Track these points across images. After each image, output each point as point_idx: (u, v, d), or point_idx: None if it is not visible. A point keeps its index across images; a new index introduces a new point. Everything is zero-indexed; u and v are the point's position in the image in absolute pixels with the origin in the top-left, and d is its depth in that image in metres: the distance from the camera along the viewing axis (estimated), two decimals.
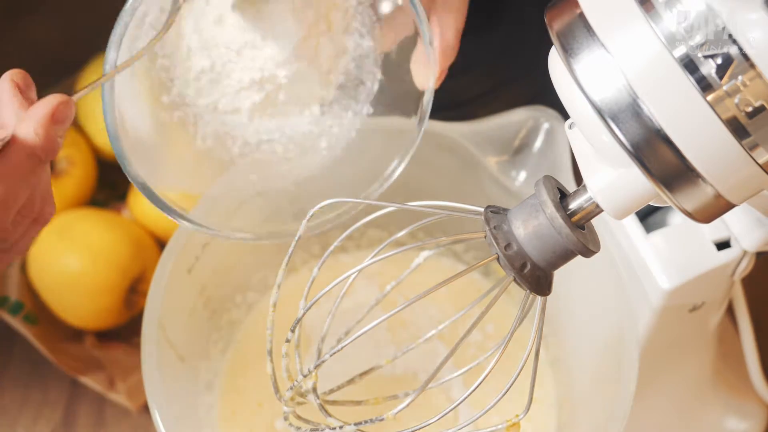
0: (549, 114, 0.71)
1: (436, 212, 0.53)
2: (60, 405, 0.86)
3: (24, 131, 0.50)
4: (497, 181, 0.73)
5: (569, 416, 0.72)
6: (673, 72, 0.41)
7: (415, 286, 0.75)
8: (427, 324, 0.76)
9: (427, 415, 0.52)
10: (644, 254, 0.68)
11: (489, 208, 0.51)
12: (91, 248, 0.84)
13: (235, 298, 0.77)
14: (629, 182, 0.46)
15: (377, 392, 0.66)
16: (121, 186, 0.93)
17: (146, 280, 0.84)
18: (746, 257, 0.68)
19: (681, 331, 0.74)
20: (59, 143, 0.51)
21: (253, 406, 0.74)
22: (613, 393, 0.64)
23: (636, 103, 0.42)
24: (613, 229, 0.71)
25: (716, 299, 0.72)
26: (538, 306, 0.51)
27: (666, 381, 0.78)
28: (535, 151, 0.72)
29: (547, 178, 0.50)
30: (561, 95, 0.46)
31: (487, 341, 0.76)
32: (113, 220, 0.87)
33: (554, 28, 0.45)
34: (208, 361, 0.74)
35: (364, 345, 0.75)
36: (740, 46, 0.40)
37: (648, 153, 0.42)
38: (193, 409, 0.71)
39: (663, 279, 0.67)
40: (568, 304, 0.74)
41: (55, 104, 0.51)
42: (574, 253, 0.49)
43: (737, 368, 0.81)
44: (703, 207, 0.44)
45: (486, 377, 0.50)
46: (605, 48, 0.42)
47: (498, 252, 0.49)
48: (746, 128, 0.41)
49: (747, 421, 0.82)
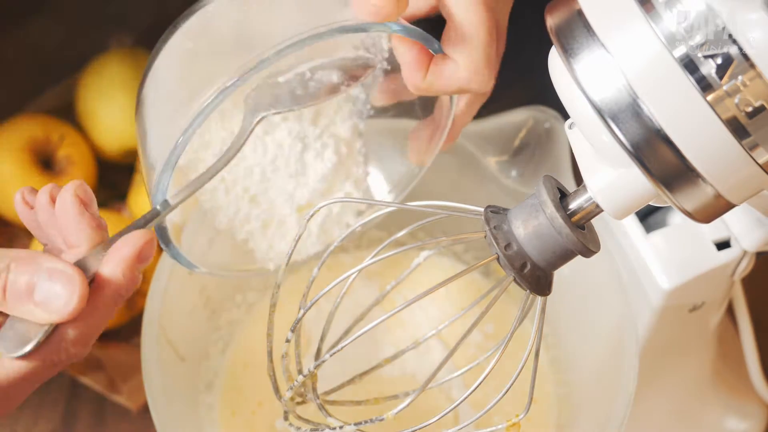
0: (549, 114, 0.71)
1: (436, 212, 0.53)
2: (60, 405, 0.85)
3: (109, 272, 0.48)
4: (497, 181, 0.73)
5: (569, 416, 0.72)
6: (673, 72, 0.41)
7: (415, 286, 0.75)
8: (427, 324, 0.76)
9: (427, 415, 0.51)
10: (644, 254, 0.68)
11: (489, 208, 0.51)
12: None
13: (235, 298, 0.77)
14: (629, 182, 0.46)
15: (377, 392, 0.66)
16: (121, 186, 0.93)
17: (146, 280, 0.84)
18: (746, 257, 0.68)
19: (681, 331, 0.74)
20: (140, 278, 0.49)
21: (253, 406, 0.74)
22: (613, 393, 0.64)
23: (636, 103, 0.42)
24: (613, 229, 0.71)
25: (716, 299, 0.72)
26: (538, 306, 0.51)
27: (666, 381, 0.78)
28: (535, 151, 0.72)
29: (547, 178, 0.50)
30: (561, 95, 0.46)
31: (487, 341, 0.76)
32: (113, 220, 0.87)
33: (554, 28, 0.45)
34: (208, 361, 0.74)
35: (364, 345, 0.75)
36: (740, 46, 0.40)
37: (648, 153, 0.42)
38: (193, 409, 0.71)
39: (663, 279, 0.67)
40: (569, 304, 0.74)
41: (140, 245, 0.48)
42: (574, 253, 0.49)
43: (737, 368, 0.81)
44: (703, 207, 0.44)
45: (486, 377, 0.50)
46: (605, 48, 0.42)
47: (498, 252, 0.49)
48: (746, 128, 0.41)
49: (747, 421, 0.82)
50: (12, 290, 0.47)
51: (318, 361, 0.53)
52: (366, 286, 0.78)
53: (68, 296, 0.46)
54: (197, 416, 0.72)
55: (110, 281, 0.48)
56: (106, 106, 0.91)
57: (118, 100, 0.91)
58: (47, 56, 0.98)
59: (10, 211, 0.89)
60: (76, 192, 0.49)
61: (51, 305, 0.46)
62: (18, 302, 0.47)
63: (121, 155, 0.93)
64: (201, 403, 0.73)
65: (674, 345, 0.75)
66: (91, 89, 0.92)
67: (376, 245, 0.72)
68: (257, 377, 0.74)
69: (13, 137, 0.89)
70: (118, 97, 0.91)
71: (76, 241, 0.49)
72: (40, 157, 0.89)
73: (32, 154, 0.89)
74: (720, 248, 0.68)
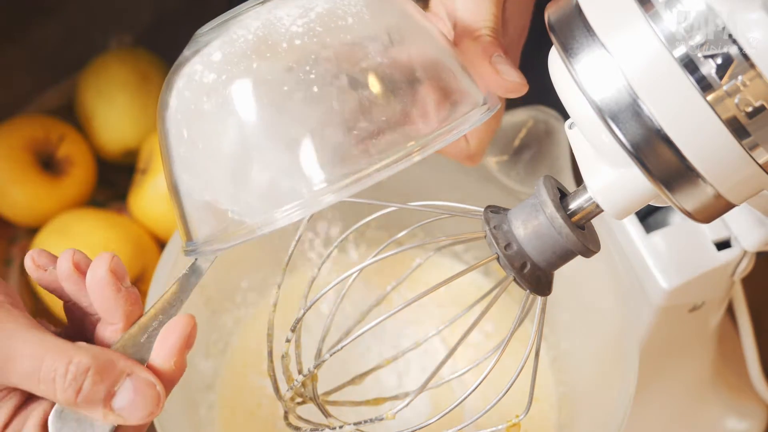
0: (549, 114, 0.71)
1: (436, 212, 0.53)
2: None
3: (162, 363, 0.46)
4: (497, 181, 0.73)
5: (569, 416, 0.72)
6: (673, 72, 0.41)
7: (415, 285, 0.75)
8: (427, 323, 0.76)
9: (427, 415, 0.51)
10: (644, 254, 0.68)
11: (489, 208, 0.51)
12: (91, 248, 0.84)
13: (235, 298, 0.77)
14: (629, 182, 0.46)
15: (377, 392, 0.66)
16: (121, 186, 0.93)
17: (146, 280, 0.84)
18: (746, 257, 0.68)
19: (681, 331, 0.74)
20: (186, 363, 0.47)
21: (253, 406, 0.74)
22: (613, 393, 0.64)
23: (636, 103, 0.42)
24: (613, 229, 0.71)
25: (716, 299, 0.72)
26: (538, 306, 0.51)
27: (666, 381, 0.78)
28: (535, 151, 0.72)
29: (547, 178, 0.50)
30: (561, 95, 0.46)
31: (487, 341, 0.76)
32: (113, 220, 0.87)
33: (554, 28, 0.45)
34: (208, 361, 0.74)
35: (364, 345, 0.75)
36: (740, 46, 0.40)
37: (648, 153, 0.42)
38: (193, 409, 0.71)
39: (663, 279, 0.67)
40: (569, 304, 0.74)
41: (188, 332, 0.47)
42: (574, 253, 0.49)
43: (737, 368, 0.81)
44: (703, 207, 0.44)
45: (486, 377, 0.50)
46: (605, 48, 0.42)
47: (498, 252, 0.49)
48: (746, 128, 0.41)
49: (747, 421, 0.82)
50: (87, 397, 0.45)
51: (318, 361, 0.53)
52: (366, 286, 0.78)
53: (151, 408, 0.45)
54: (197, 416, 0.72)
55: (163, 372, 0.47)
56: (106, 106, 0.91)
57: (118, 100, 0.91)
58: (47, 56, 0.98)
59: (10, 212, 0.89)
60: (110, 267, 0.47)
61: (130, 416, 0.45)
62: (90, 407, 0.45)
63: (121, 155, 0.93)
64: (201, 403, 0.73)
65: (674, 345, 0.75)
66: (91, 89, 0.92)
67: (376, 245, 0.72)
68: (257, 377, 0.75)
69: (13, 137, 0.89)
70: (118, 97, 0.91)
71: (113, 318, 0.48)
72: (40, 157, 0.89)
73: (32, 154, 0.89)
74: (720, 248, 0.68)
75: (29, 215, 0.89)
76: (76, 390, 0.44)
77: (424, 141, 0.47)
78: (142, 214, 0.88)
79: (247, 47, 0.47)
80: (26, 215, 0.89)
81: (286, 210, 0.46)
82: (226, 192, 0.47)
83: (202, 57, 0.48)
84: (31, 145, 0.89)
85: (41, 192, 0.89)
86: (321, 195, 0.45)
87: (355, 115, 0.46)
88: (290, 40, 0.47)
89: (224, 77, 0.47)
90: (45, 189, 0.89)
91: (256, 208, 0.47)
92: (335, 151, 0.46)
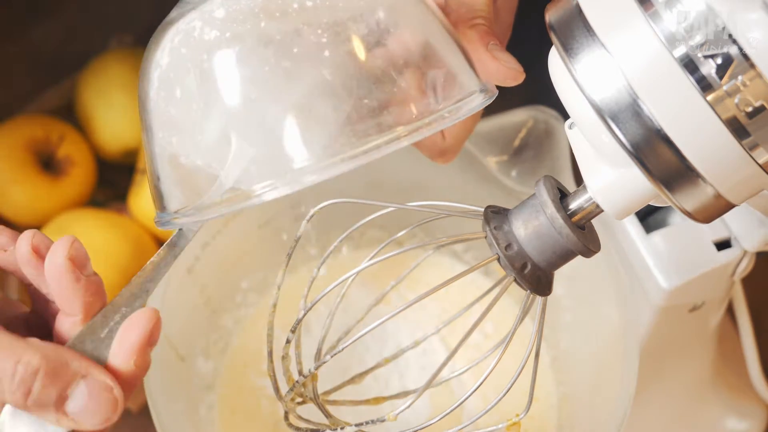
0: (549, 114, 0.71)
1: (436, 212, 0.53)
2: None
3: (121, 363, 0.43)
4: (497, 181, 0.73)
5: (569, 416, 0.72)
6: (673, 72, 0.41)
7: (415, 285, 0.75)
8: (427, 324, 0.76)
9: (427, 415, 0.51)
10: (644, 254, 0.68)
11: (489, 208, 0.51)
12: (90, 248, 0.83)
13: (235, 298, 0.77)
14: (629, 182, 0.46)
15: (377, 392, 0.66)
16: (121, 186, 0.93)
17: None
18: (746, 257, 0.68)
19: (681, 331, 0.74)
20: (150, 360, 0.44)
21: (253, 406, 0.74)
22: (613, 393, 0.64)
23: (636, 103, 0.42)
24: (613, 229, 0.71)
25: (716, 299, 0.72)
26: (538, 306, 0.51)
27: (666, 381, 0.78)
28: (535, 151, 0.72)
29: (547, 178, 0.50)
30: (561, 95, 0.46)
31: (487, 341, 0.76)
32: (113, 220, 0.87)
33: (554, 28, 0.45)
34: (208, 361, 0.74)
35: (364, 344, 0.75)
36: (740, 46, 0.40)
37: (648, 153, 0.42)
38: (193, 409, 0.71)
39: (663, 279, 0.67)
40: (569, 303, 0.74)
41: (150, 328, 0.43)
42: (575, 253, 0.49)
43: (737, 368, 0.81)
44: (703, 207, 0.44)
45: (487, 377, 0.50)
46: (605, 48, 0.42)
47: (498, 252, 0.49)
48: (746, 128, 0.41)
49: (747, 421, 0.82)
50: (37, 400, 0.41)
51: (318, 362, 0.53)
52: (366, 286, 0.78)
53: (107, 414, 0.42)
54: (197, 416, 0.72)
55: (123, 373, 0.43)
56: (106, 106, 0.91)
57: (118, 100, 0.91)
58: (47, 56, 0.98)
59: (10, 212, 0.89)
60: (69, 254, 0.43)
61: (85, 421, 0.42)
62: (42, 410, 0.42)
63: (121, 155, 0.93)
64: (201, 403, 0.73)
65: (674, 345, 0.75)
66: (91, 89, 0.92)
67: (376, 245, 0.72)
68: (257, 377, 0.75)
69: (13, 137, 0.89)
70: (118, 97, 0.91)
71: (71, 309, 0.44)
72: (40, 157, 0.89)
73: (32, 154, 0.89)
74: (720, 248, 0.68)
75: (29, 215, 0.89)
76: (25, 393, 0.41)
77: (418, 124, 0.45)
78: (142, 214, 0.88)
79: (254, 4, 0.44)
80: (26, 215, 0.89)
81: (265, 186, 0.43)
82: (217, 156, 0.44)
83: (202, 13, 0.45)
84: (31, 145, 0.89)
85: (41, 192, 0.89)
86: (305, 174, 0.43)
87: (356, 91, 0.44)
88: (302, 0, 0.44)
89: (228, 35, 0.44)
90: (45, 189, 0.89)
91: (251, 173, 0.44)
92: (328, 128, 0.44)
